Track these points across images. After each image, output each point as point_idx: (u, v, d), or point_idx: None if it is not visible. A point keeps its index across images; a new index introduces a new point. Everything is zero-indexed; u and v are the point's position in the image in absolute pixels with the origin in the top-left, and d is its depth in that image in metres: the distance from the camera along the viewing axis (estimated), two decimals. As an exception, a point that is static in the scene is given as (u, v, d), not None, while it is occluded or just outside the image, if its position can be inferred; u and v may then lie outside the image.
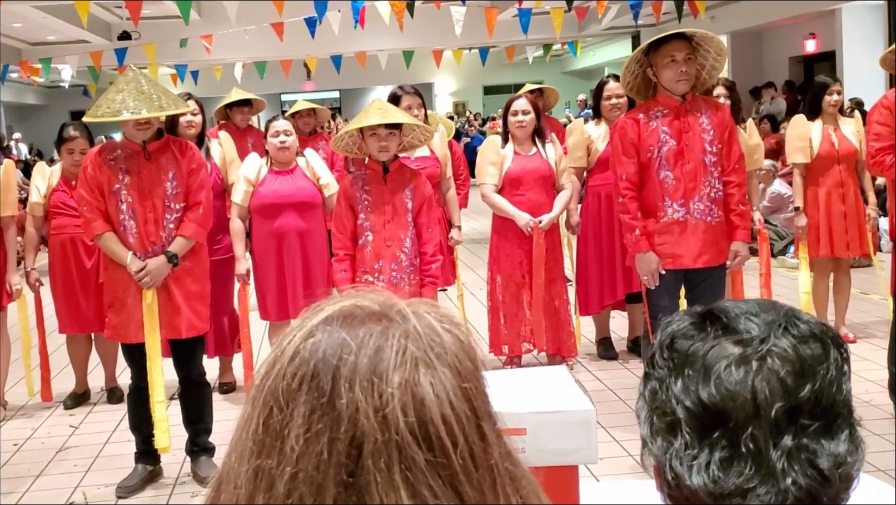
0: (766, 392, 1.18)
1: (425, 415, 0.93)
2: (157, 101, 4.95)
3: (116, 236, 5.09)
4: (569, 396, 2.28)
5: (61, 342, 7.21)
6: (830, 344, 1.23)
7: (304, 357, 0.97)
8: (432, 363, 0.97)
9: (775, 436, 1.17)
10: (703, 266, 5.34)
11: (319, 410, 0.94)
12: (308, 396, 0.95)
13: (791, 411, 1.17)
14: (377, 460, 0.91)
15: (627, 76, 5.39)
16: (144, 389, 5.17)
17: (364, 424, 0.92)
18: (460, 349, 1.00)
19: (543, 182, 6.72)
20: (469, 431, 0.95)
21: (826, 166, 7.17)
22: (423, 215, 5.55)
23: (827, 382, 1.19)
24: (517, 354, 6.88)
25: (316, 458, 0.92)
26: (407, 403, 0.93)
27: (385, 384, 0.94)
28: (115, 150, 5.14)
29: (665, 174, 5.33)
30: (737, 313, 1.26)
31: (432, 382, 0.95)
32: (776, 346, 1.21)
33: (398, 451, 0.92)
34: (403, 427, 0.92)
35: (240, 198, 6.30)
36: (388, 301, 1.03)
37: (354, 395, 0.93)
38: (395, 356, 0.96)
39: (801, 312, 1.27)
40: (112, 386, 7.10)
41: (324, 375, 0.95)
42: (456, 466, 0.93)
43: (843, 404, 1.20)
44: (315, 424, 0.93)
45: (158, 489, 5.35)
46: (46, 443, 6.23)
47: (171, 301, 5.15)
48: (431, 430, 0.93)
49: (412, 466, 0.92)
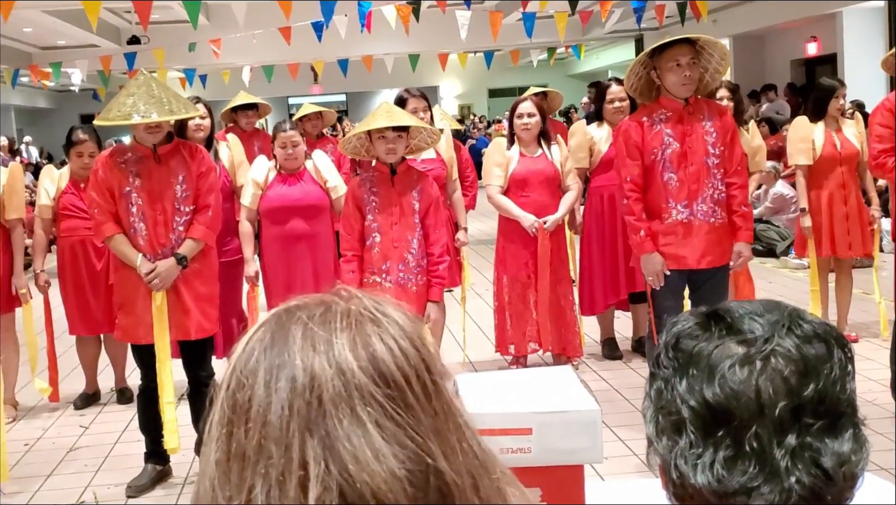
0: (769, 391, 1.18)
1: (377, 356, 0.97)
2: (168, 105, 4.96)
3: (127, 238, 5.10)
4: (574, 396, 2.27)
5: (71, 343, 7.22)
6: (834, 344, 1.22)
7: (258, 336, 1.02)
8: (377, 319, 1.01)
9: (779, 435, 1.17)
10: (707, 267, 5.35)
11: (276, 369, 0.97)
12: (266, 362, 0.98)
13: (795, 410, 1.17)
14: (339, 405, 0.94)
15: (631, 77, 5.40)
16: (154, 390, 5.18)
17: (320, 374, 0.95)
18: (402, 315, 1.04)
19: (549, 183, 6.73)
20: (419, 368, 0.99)
21: (828, 168, 7.17)
22: (430, 217, 5.56)
23: (830, 381, 1.19)
24: (523, 353, 6.88)
25: (277, 417, 0.94)
26: (358, 350, 0.97)
27: (335, 337, 0.98)
28: (125, 154, 5.15)
29: (669, 176, 5.33)
30: (741, 314, 1.26)
31: (378, 332, 0.99)
32: (780, 346, 1.21)
33: (357, 391, 0.95)
34: (357, 370, 0.95)
35: (248, 200, 6.31)
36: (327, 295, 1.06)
37: (307, 350, 0.97)
38: (341, 318, 1.00)
39: (805, 313, 1.27)
40: (122, 387, 7.11)
41: (277, 340, 0.99)
42: (410, 398, 0.96)
43: (848, 404, 1.19)
44: (274, 385, 0.96)
45: (168, 489, 5.36)
46: (57, 443, 6.24)
47: (180, 303, 5.16)
48: (384, 368, 0.96)
49: (372, 402, 0.94)
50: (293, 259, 6.27)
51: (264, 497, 0.93)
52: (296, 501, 0.92)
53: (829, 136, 7.18)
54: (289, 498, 0.92)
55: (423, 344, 1.02)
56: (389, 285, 5.49)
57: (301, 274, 6.28)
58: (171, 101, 5.00)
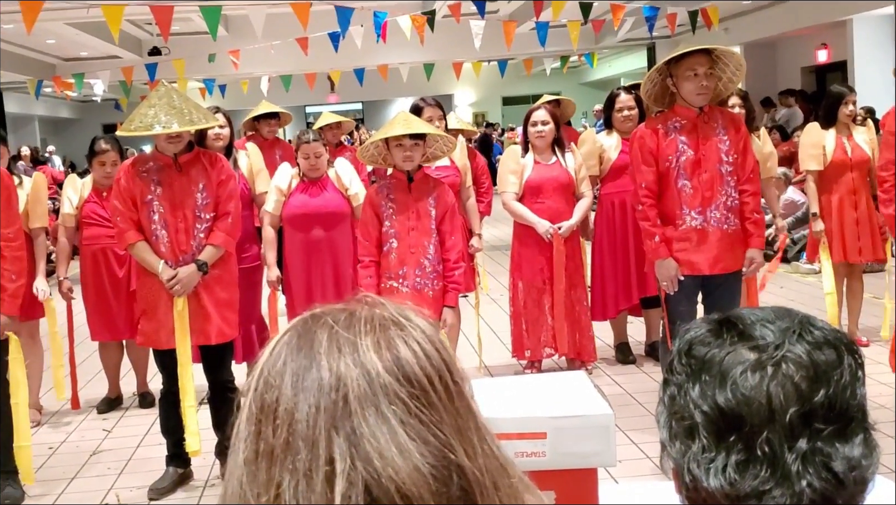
0: (780, 397, 1.18)
1: (401, 361, 0.99)
2: (188, 115, 4.98)
3: (149, 246, 5.13)
4: (588, 401, 2.28)
5: (94, 349, 7.24)
6: (844, 350, 1.23)
7: (284, 341, 1.04)
8: (401, 322, 1.03)
9: (790, 439, 1.17)
10: (720, 272, 5.36)
11: (303, 371, 0.98)
12: (293, 364, 1.00)
13: (806, 416, 1.17)
14: (364, 403, 0.95)
15: (647, 84, 5.40)
16: (175, 394, 5.19)
17: (346, 374, 0.97)
18: (424, 321, 1.05)
19: (563, 190, 6.73)
20: (442, 370, 1.00)
21: (839, 174, 7.16)
22: (446, 223, 5.56)
23: (841, 387, 1.19)
24: (538, 358, 6.87)
25: (304, 417, 0.96)
26: (382, 353, 0.99)
27: (359, 339, 1.00)
28: (147, 163, 5.17)
29: (683, 183, 5.34)
30: (752, 320, 1.27)
31: (404, 337, 1.01)
32: (791, 352, 1.21)
33: (383, 390, 0.96)
34: (382, 370, 0.97)
35: (272, 207, 6.33)
36: (350, 304, 1.08)
37: (333, 353, 0.99)
38: (364, 323, 1.02)
39: (816, 319, 1.27)
40: (143, 391, 7.13)
41: (304, 344, 1.01)
42: (433, 397, 0.98)
43: (858, 409, 1.19)
44: (301, 386, 0.97)
45: (189, 491, 5.37)
46: (80, 446, 6.26)
47: (201, 308, 5.17)
48: (409, 369, 0.98)
49: (397, 401, 0.96)
50: (314, 265, 6.28)
51: (292, 493, 0.94)
52: (322, 496, 0.93)
53: (839, 142, 7.16)
54: (316, 493, 0.93)
55: (444, 347, 1.04)
56: (406, 290, 5.50)
57: (321, 279, 6.30)
58: (192, 112, 5.02)
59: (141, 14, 10.42)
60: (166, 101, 4.98)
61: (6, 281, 5.08)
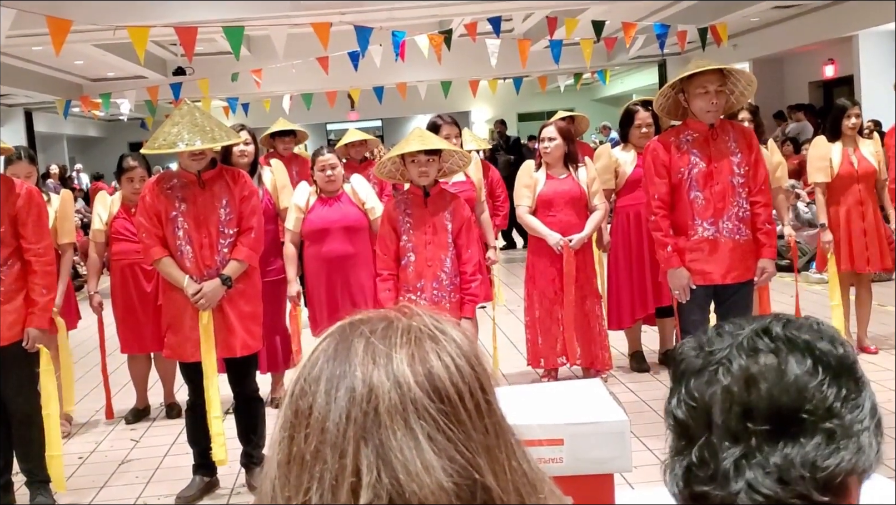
0: (717, 403, 1.21)
1: (434, 372, 0.98)
2: (211, 133, 4.99)
3: (174, 261, 5.14)
4: (604, 408, 2.27)
5: (123, 361, 7.27)
6: (807, 354, 1.22)
7: (322, 348, 1.04)
8: (436, 337, 1.02)
9: (726, 443, 1.19)
10: (732, 282, 5.36)
11: (338, 378, 0.98)
12: (328, 371, 1.00)
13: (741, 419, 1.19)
14: (394, 416, 0.95)
15: (660, 98, 5.43)
16: (201, 405, 5.20)
17: (378, 386, 0.96)
18: (460, 334, 1.05)
19: (574, 204, 6.72)
20: (474, 386, 1.00)
21: (846, 185, 7.15)
22: (462, 236, 5.57)
23: (782, 389, 1.19)
24: (553, 367, 6.86)
25: (335, 424, 0.96)
26: (416, 365, 0.98)
27: (395, 352, 0.99)
28: (171, 180, 5.19)
29: (695, 194, 5.34)
30: (723, 330, 1.30)
31: (437, 350, 1.00)
32: (729, 359, 1.24)
33: (413, 405, 0.96)
34: (414, 384, 0.97)
35: (292, 224, 6.38)
36: (389, 312, 1.08)
37: (367, 363, 0.98)
38: (401, 335, 1.01)
39: (790, 324, 1.26)
40: (170, 402, 7.15)
41: (340, 352, 1.01)
42: (463, 414, 0.97)
43: (816, 409, 1.18)
44: (334, 393, 0.97)
45: (215, 499, 5.38)
46: (109, 456, 6.28)
47: (225, 321, 5.18)
48: (440, 384, 0.98)
49: (426, 416, 0.95)
50: (333, 277, 6.31)
51: (318, 499, 0.95)
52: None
53: (846, 154, 7.16)
54: (340, 502, 0.94)
55: (478, 363, 1.03)
56: (424, 303, 5.49)
57: (341, 291, 6.32)
58: (214, 129, 5.03)
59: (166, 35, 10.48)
60: (189, 120, 5.00)
61: (37, 295, 5.11)
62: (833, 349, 1.23)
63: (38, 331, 5.12)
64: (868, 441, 1.19)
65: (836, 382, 1.20)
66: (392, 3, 11.11)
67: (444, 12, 12.99)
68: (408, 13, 12.47)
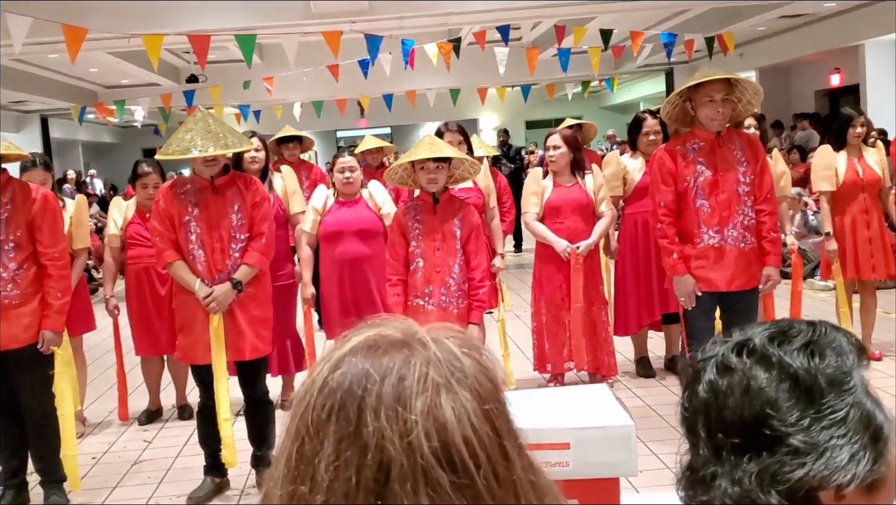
0: (695, 414, 1.25)
1: (448, 438, 0.92)
2: (223, 140, 5.01)
3: (186, 265, 5.16)
4: (610, 413, 2.27)
5: (136, 363, 7.29)
6: (772, 371, 1.23)
7: (331, 388, 0.97)
8: (453, 388, 0.95)
9: (706, 451, 1.23)
10: (737, 289, 5.36)
11: (347, 438, 0.93)
12: (336, 425, 0.94)
13: (714, 430, 1.23)
14: (403, 484, 0.91)
15: (667, 107, 5.44)
16: (212, 407, 5.22)
17: (390, 450, 0.91)
18: (480, 372, 0.99)
19: (581, 211, 6.72)
20: (492, 450, 0.94)
21: (851, 194, 7.14)
22: (471, 243, 5.57)
23: (748, 403, 1.21)
24: (560, 371, 6.86)
25: (345, 484, 0.92)
26: (430, 428, 0.92)
27: (408, 412, 0.93)
28: (185, 185, 5.22)
29: (701, 203, 5.35)
30: (717, 341, 1.32)
31: (454, 407, 0.94)
32: (706, 371, 1.27)
33: (424, 474, 0.91)
34: (428, 452, 0.91)
35: (308, 226, 6.41)
36: (410, 329, 1.02)
37: (380, 423, 0.93)
38: (416, 384, 0.95)
39: (761, 340, 1.27)
40: (182, 404, 7.17)
41: (350, 406, 0.95)
42: (479, 485, 0.92)
43: (776, 426, 1.19)
44: (344, 452, 0.93)
45: (225, 500, 5.40)
46: (122, 456, 6.30)
47: (235, 325, 5.20)
48: (454, 452, 0.92)
49: (437, 488, 0.91)
50: (348, 280, 6.32)
51: None
52: None
53: (851, 163, 7.15)
54: None
55: (498, 410, 0.98)
56: (432, 308, 5.50)
57: (355, 294, 6.33)
58: (227, 136, 5.06)
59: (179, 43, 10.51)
60: (202, 126, 5.02)
61: (52, 298, 5.14)
62: (812, 362, 1.22)
63: (53, 333, 5.15)
64: (849, 455, 1.17)
65: (808, 396, 1.20)
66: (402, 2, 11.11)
67: (453, 21, 13.00)
68: (417, 22, 12.49)
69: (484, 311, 5.85)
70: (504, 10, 11.38)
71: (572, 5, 11.71)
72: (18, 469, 5.34)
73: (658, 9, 14.08)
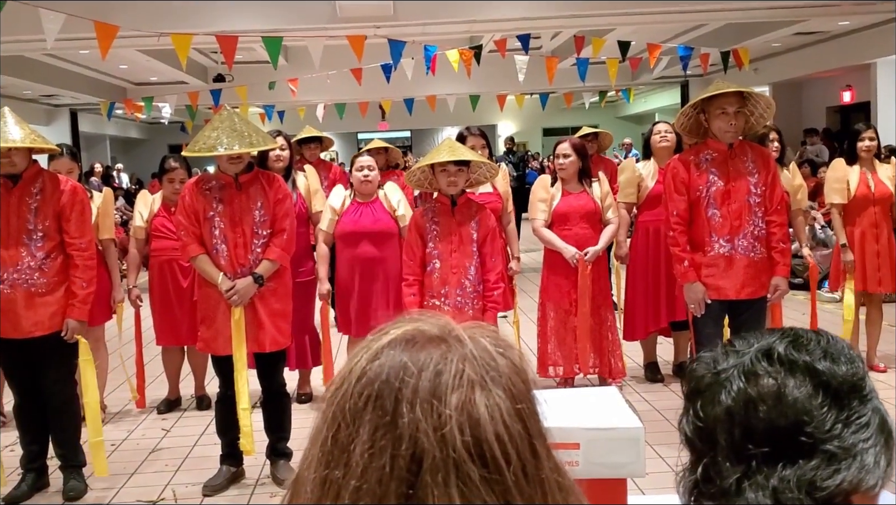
0: (720, 423, 1.22)
1: (480, 434, 0.92)
2: (248, 138, 5.03)
3: (209, 258, 5.18)
4: (619, 415, 2.27)
5: (157, 353, 7.31)
6: (807, 377, 1.22)
7: (369, 378, 0.97)
8: (487, 385, 0.95)
9: (730, 462, 1.20)
10: (746, 298, 5.35)
11: (382, 428, 0.93)
12: (372, 414, 0.94)
13: (742, 440, 1.20)
14: (435, 476, 0.91)
15: (682, 118, 5.43)
16: (231, 397, 5.23)
17: (423, 442, 0.92)
18: (514, 372, 0.99)
19: (588, 218, 6.70)
20: (522, 448, 0.94)
21: (862, 207, 7.12)
22: (487, 245, 5.57)
23: (780, 412, 1.19)
24: (570, 375, 6.84)
25: (378, 471, 0.92)
26: (463, 423, 0.92)
27: (443, 406, 0.93)
28: (210, 182, 5.24)
29: (713, 212, 5.34)
30: (732, 348, 1.30)
31: (487, 404, 0.94)
32: (730, 381, 1.24)
33: (455, 467, 0.91)
34: (460, 445, 0.91)
35: (326, 225, 6.42)
36: (447, 326, 1.02)
37: (415, 415, 0.93)
38: (452, 379, 0.95)
39: (783, 347, 1.26)
40: (201, 394, 7.18)
41: (387, 396, 0.95)
42: (509, 481, 0.92)
43: (815, 431, 1.18)
44: (378, 441, 0.93)
45: (241, 489, 5.40)
46: (141, 444, 6.31)
47: (256, 318, 5.21)
48: (486, 448, 0.92)
49: (468, 481, 0.91)
50: (363, 280, 6.32)
51: None
52: None
53: (863, 177, 7.13)
54: None
55: (530, 410, 0.98)
56: (447, 309, 5.50)
57: (370, 293, 6.33)
58: (252, 135, 5.07)
59: (207, 43, 10.53)
60: (228, 125, 5.04)
61: (77, 288, 5.16)
62: (835, 368, 1.22)
63: (77, 322, 5.17)
64: (874, 459, 1.18)
65: (837, 402, 1.20)
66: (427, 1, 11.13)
67: (475, 29, 13.01)
68: (440, 28, 12.50)
69: (498, 312, 5.85)
70: (525, 20, 11.38)
71: (592, 17, 11.70)
72: (39, 454, 5.37)
73: (675, 23, 14.05)
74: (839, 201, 7.18)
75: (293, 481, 1.01)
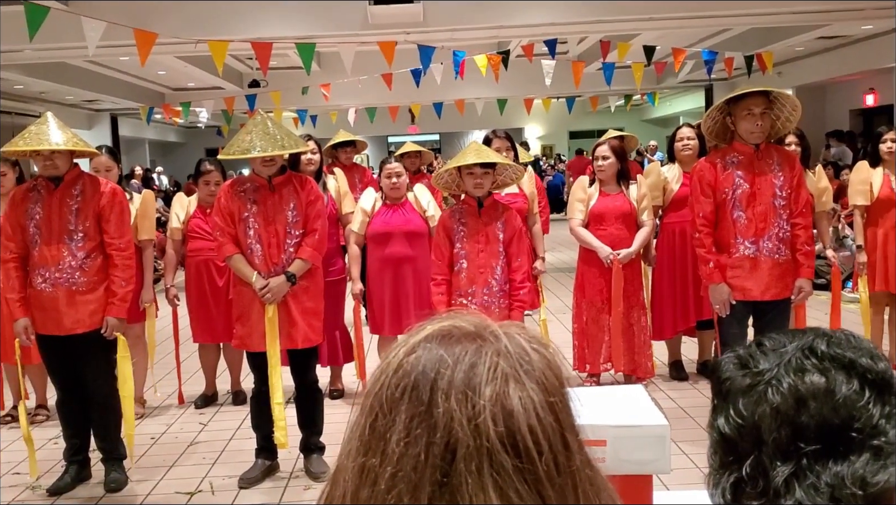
0: (766, 421, 1.19)
1: (514, 425, 0.92)
2: (281, 142, 5.06)
3: (244, 258, 5.20)
4: (645, 412, 2.25)
5: (194, 350, 7.35)
6: (852, 373, 1.20)
7: (406, 370, 0.98)
8: (521, 379, 0.95)
9: (777, 460, 1.17)
10: (771, 299, 5.31)
11: (418, 417, 0.94)
12: (409, 404, 0.95)
13: (791, 438, 1.17)
14: (469, 464, 0.91)
15: (708, 121, 5.39)
16: (266, 393, 5.25)
17: (458, 431, 0.92)
18: (547, 367, 0.99)
19: (624, 219, 6.69)
20: (554, 440, 0.94)
21: (885, 209, 7.04)
22: (513, 246, 5.55)
23: (831, 408, 1.17)
24: (597, 372, 6.82)
25: (414, 459, 0.92)
26: (497, 414, 0.92)
27: (478, 397, 0.93)
28: (244, 184, 5.26)
29: (738, 214, 5.30)
30: (765, 348, 1.27)
31: (521, 396, 0.94)
32: (778, 378, 1.21)
33: (488, 456, 0.91)
34: (493, 435, 0.91)
35: (357, 226, 6.44)
36: (483, 322, 1.03)
37: (450, 405, 0.93)
38: (487, 372, 0.95)
39: (832, 343, 1.24)
40: (237, 389, 7.22)
41: (423, 387, 0.95)
42: (540, 471, 0.92)
43: (863, 427, 1.16)
44: (414, 430, 0.93)
45: (275, 481, 5.42)
46: (179, 438, 6.35)
47: (289, 315, 5.23)
48: (519, 438, 0.92)
49: (501, 471, 0.91)
50: (394, 279, 6.34)
51: None
52: None
53: (886, 179, 7.05)
54: None
55: (562, 404, 0.98)
56: (474, 308, 5.47)
57: (400, 292, 6.34)
58: (284, 138, 5.10)
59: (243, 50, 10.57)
60: (262, 129, 5.07)
61: (116, 286, 5.20)
62: (874, 365, 1.20)
63: (117, 320, 5.21)
64: None
65: (880, 398, 1.18)
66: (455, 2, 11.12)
67: (502, 34, 12.99)
68: (468, 34, 12.49)
69: (524, 311, 5.84)
70: (552, 25, 11.35)
71: (618, 22, 11.65)
72: (81, 447, 5.42)
73: (700, 27, 13.96)
74: (862, 203, 7.11)
75: (334, 471, 1.01)
